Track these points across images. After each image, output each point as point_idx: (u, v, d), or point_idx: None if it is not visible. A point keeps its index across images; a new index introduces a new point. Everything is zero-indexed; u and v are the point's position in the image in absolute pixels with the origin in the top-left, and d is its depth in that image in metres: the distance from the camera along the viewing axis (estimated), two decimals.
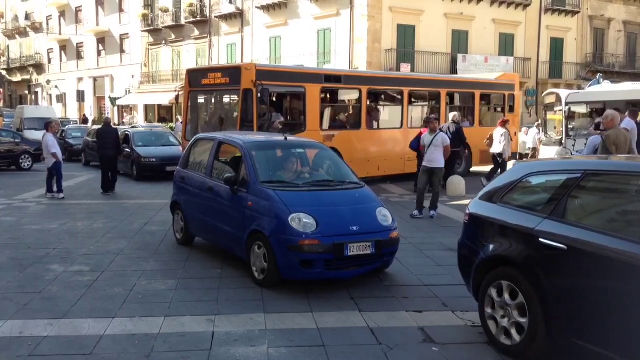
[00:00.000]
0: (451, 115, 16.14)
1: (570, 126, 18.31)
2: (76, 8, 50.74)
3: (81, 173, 19.41)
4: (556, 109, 19.67)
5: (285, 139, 8.14)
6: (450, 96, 18.25)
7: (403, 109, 16.61)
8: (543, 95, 23.24)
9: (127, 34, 44.73)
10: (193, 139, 9.48)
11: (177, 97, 17.12)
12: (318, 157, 8.17)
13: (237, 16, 35.41)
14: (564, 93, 19.63)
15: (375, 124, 16.40)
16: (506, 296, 4.82)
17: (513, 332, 4.77)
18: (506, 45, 32.81)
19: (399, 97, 16.67)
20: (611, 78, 28.21)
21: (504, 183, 5.46)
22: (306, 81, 14.41)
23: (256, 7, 33.76)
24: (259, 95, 12.90)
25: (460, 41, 31.20)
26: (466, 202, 12.77)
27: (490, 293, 4.99)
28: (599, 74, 25.68)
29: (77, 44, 50.80)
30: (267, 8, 33.06)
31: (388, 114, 17.16)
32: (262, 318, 5.63)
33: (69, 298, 6.21)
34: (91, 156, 22.10)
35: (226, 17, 36.13)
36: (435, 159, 10.84)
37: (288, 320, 5.59)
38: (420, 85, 17.80)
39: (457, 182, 14.05)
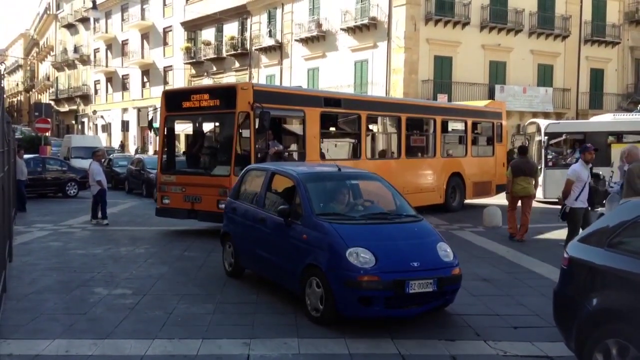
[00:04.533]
0: None
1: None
2: (122, 41, 52.75)
3: (124, 200, 19.98)
4: (536, 138, 19.61)
5: (339, 169, 7.91)
6: (444, 124, 17.13)
7: (400, 137, 15.53)
8: (525, 125, 23.15)
9: (171, 66, 46.17)
10: (244, 169, 9.16)
11: (150, 123, 15.33)
12: (373, 189, 7.95)
13: (277, 49, 36.25)
14: (543, 123, 19.60)
15: (375, 154, 15.47)
16: None
17: None
18: (545, 75, 32.63)
19: (398, 124, 15.56)
20: None
21: (611, 224, 4.80)
22: (306, 104, 13.14)
23: (295, 40, 34.53)
24: (257, 119, 11.55)
25: (497, 72, 31.20)
26: (502, 232, 12.83)
27: (610, 348, 4.31)
28: (639, 105, 25.37)
29: (123, 75, 52.64)
30: (305, 41, 33.79)
31: (387, 142, 16.26)
32: (295, 342, 5.77)
33: (112, 319, 6.47)
34: (134, 184, 22.80)
35: (266, 50, 37.01)
36: (587, 196, 9.48)
37: (321, 346, 5.72)
38: (417, 112, 16.66)
39: (492, 213, 13.99)
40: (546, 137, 18.88)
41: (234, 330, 6.16)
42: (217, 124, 13.62)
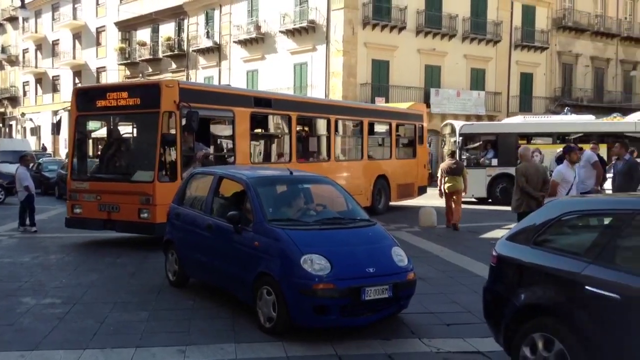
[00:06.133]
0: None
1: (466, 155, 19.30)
2: (53, 42, 50.92)
3: (54, 206, 19.26)
4: (451, 139, 20.46)
5: (291, 173, 7.72)
6: (371, 125, 16.96)
7: (330, 139, 15.30)
8: (441, 126, 24.10)
9: (104, 67, 44.90)
10: (189, 173, 8.75)
11: (57, 125, 13.83)
12: (326, 193, 7.74)
13: (215, 50, 35.88)
14: (457, 124, 20.51)
15: (305, 156, 14.99)
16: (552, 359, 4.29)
17: None
18: (477, 79, 33.69)
19: (327, 125, 15.26)
20: (579, 111, 29.17)
21: (536, 223, 4.93)
22: (235, 104, 12.43)
23: (234, 42, 34.29)
24: (183, 119, 10.76)
25: (433, 76, 31.98)
26: (437, 232, 13.18)
27: (536, 341, 4.41)
28: (567, 108, 26.61)
29: (53, 77, 50.79)
30: (244, 43, 33.61)
31: (317, 144, 15.87)
32: (232, 347, 5.72)
33: (41, 330, 6.22)
34: (65, 189, 21.98)
35: (204, 51, 36.57)
36: None
37: (258, 349, 5.69)
38: (346, 114, 16.53)
39: (428, 213, 14.28)
40: (461, 138, 19.54)
41: (169, 337, 6.04)
42: (137, 124, 12.39)
